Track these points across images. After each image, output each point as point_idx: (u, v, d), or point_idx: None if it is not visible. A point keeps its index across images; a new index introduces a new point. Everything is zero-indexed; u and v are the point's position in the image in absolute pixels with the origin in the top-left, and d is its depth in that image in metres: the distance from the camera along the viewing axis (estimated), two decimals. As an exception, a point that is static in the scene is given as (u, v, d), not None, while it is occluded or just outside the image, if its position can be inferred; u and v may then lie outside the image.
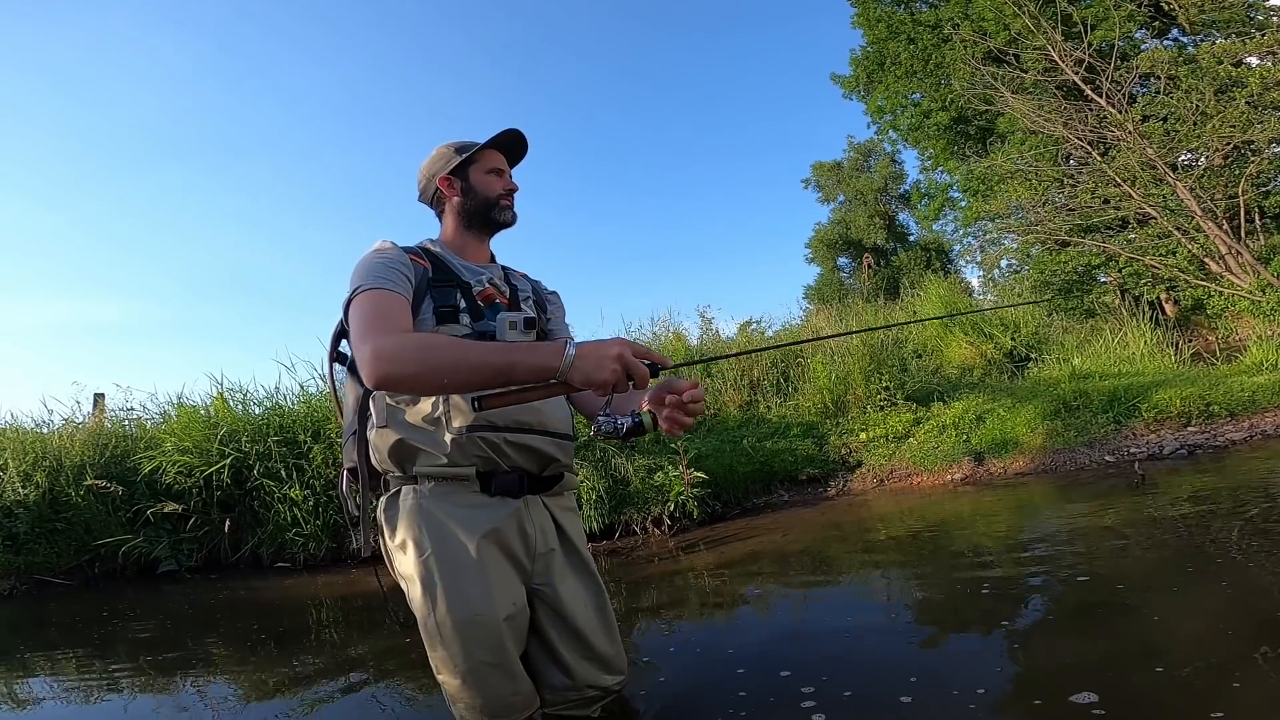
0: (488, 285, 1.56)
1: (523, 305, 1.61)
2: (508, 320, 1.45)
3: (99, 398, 7.21)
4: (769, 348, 4.48)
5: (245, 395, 6.09)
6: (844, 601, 2.81)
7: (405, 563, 1.41)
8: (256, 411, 5.91)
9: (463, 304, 1.47)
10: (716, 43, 43.67)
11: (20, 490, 5.57)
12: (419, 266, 1.47)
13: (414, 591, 1.39)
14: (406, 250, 1.51)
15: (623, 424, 1.26)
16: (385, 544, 1.49)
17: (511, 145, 1.68)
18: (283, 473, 5.17)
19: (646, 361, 1.12)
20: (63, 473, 5.66)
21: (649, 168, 45.26)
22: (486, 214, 1.62)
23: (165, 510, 5.21)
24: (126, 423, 6.54)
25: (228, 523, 5.31)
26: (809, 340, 2.30)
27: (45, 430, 6.57)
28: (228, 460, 5.23)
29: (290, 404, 5.91)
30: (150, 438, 5.86)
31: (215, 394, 6.05)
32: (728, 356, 1.79)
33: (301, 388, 6.07)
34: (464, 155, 1.61)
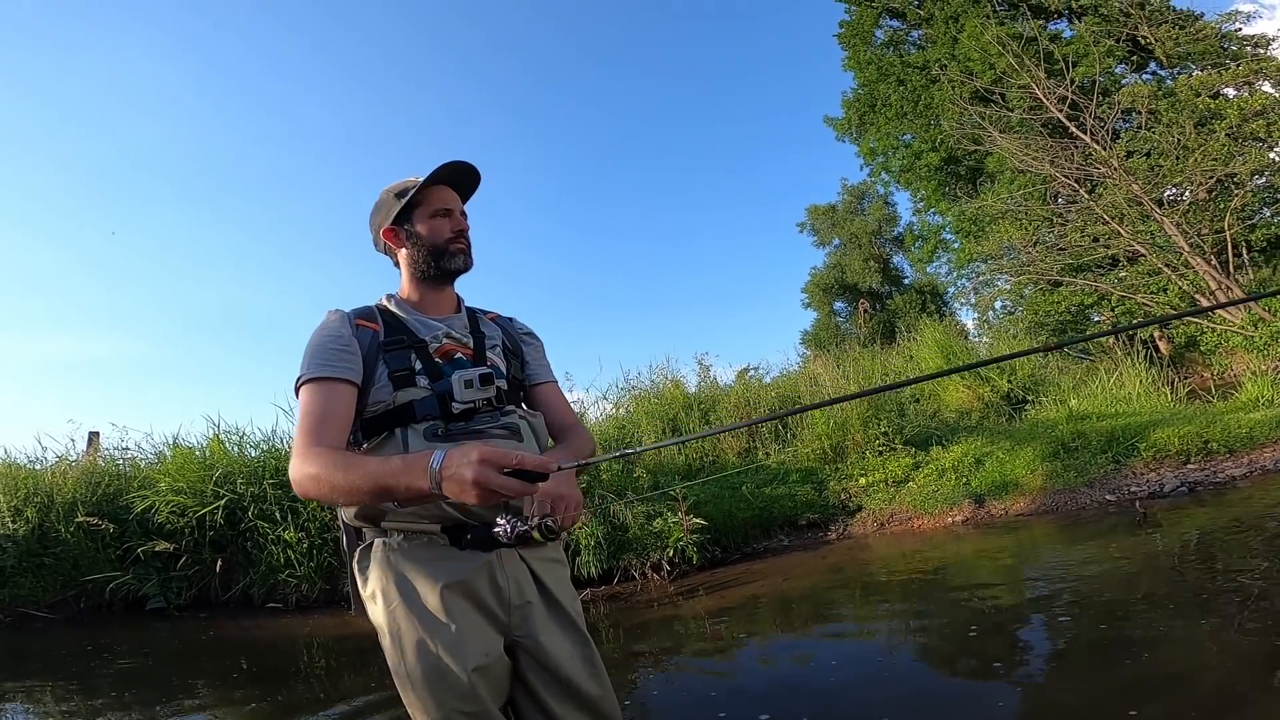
0: (444, 341, 1.49)
1: (489, 354, 1.54)
2: (463, 379, 1.40)
3: (94, 436, 7.20)
4: (725, 429, 4.51)
5: (242, 437, 6.08)
6: (840, 645, 2.79)
7: (376, 613, 1.39)
8: (252, 454, 5.89)
9: (418, 365, 1.41)
10: (711, 86, 44.72)
11: (9, 525, 5.55)
12: (367, 332, 1.42)
13: (385, 642, 1.38)
14: (357, 313, 1.46)
15: (515, 532, 1.16)
16: (360, 594, 1.47)
17: (457, 178, 1.55)
18: (277, 515, 5.13)
19: (522, 471, 1.03)
20: (54, 509, 5.63)
21: (644, 211, 45.69)
22: (436, 263, 1.50)
23: (156, 549, 5.16)
24: (121, 462, 6.50)
25: (219, 562, 5.25)
26: (805, 408, 2.32)
27: (38, 467, 6.54)
28: (222, 501, 5.20)
29: (287, 447, 5.89)
30: (144, 477, 5.83)
31: (211, 436, 6.04)
32: (645, 449, 1.59)
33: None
34: (405, 199, 1.49)
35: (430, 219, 1.50)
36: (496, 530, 1.17)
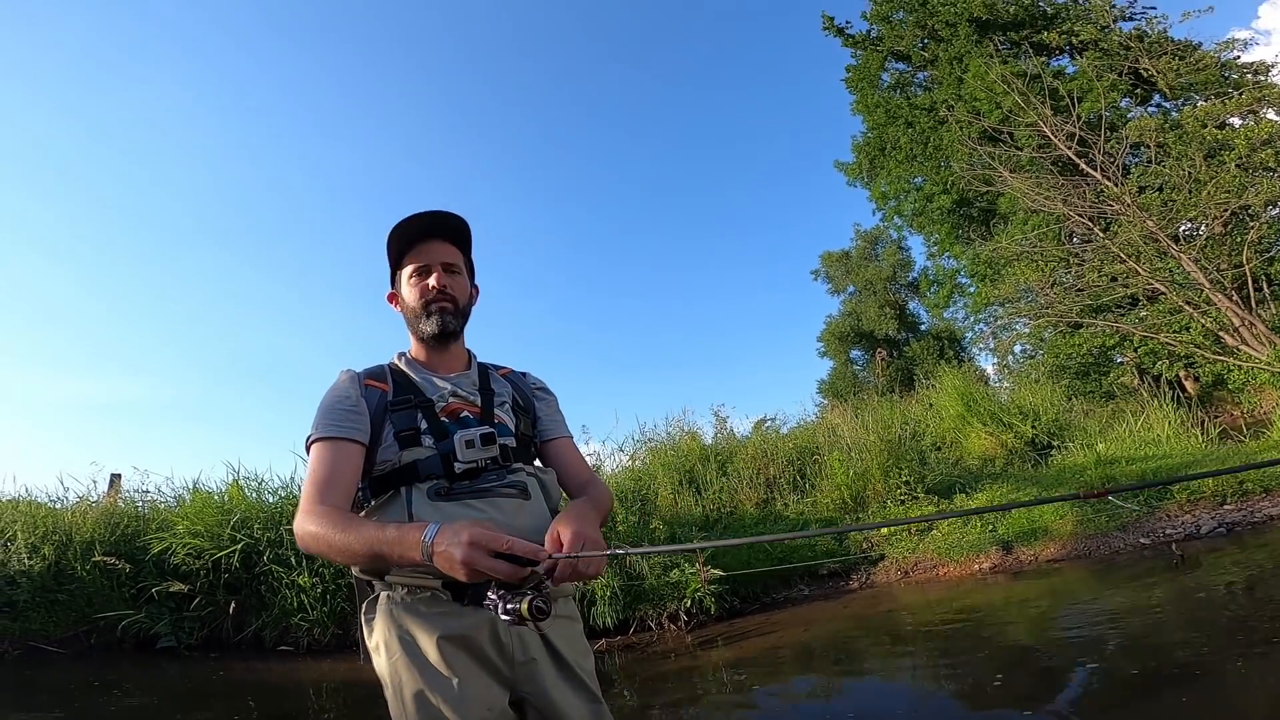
0: (450, 400, 1.47)
1: (497, 411, 1.50)
2: (464, 439, 1.39)
3: (115, 478, 7.28)
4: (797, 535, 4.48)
5: (260, 483, 6.14)
6: (864, 696, 2.70)
7: (380, 664, 1.38)
8: (270, 500, 5.93)
9: (424, 425, 1.42)
10: (719, 138, 45.31)
11: (26, 560, 5.61)
12: (375, 392, 1.44)
13: (388, 693, 1.37)
14: (368, 373, 1.49)
15: (507, 609, 1.11)
16: (366, 645, 1.46)
17: (425, 231, 1.49)
18: (293, 559, 5.14)
19: (513, 554, 1.05)
20: (71, 547, 5.69)
21: (655, 267, 45.62)
22: (419, 325, 1.48)
23: (171, 589, 5.16)
24: (140, 504, 6.58)
25: (233, 604, 5.23)
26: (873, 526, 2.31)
27: (59, 506, 6.64)
28: (238, 545, 5.22)
29: (302, 494, 5.92)
30: (163, 519, 5.88)
31: (231, 481, 6.10)
32: (655, 551, 1.46)
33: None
34: (391, 266, 1.51)
35: (409, 279, 1.50)
36: (486, 604, 1.14)
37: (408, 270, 1.50)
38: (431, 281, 1.47)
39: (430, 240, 1.50)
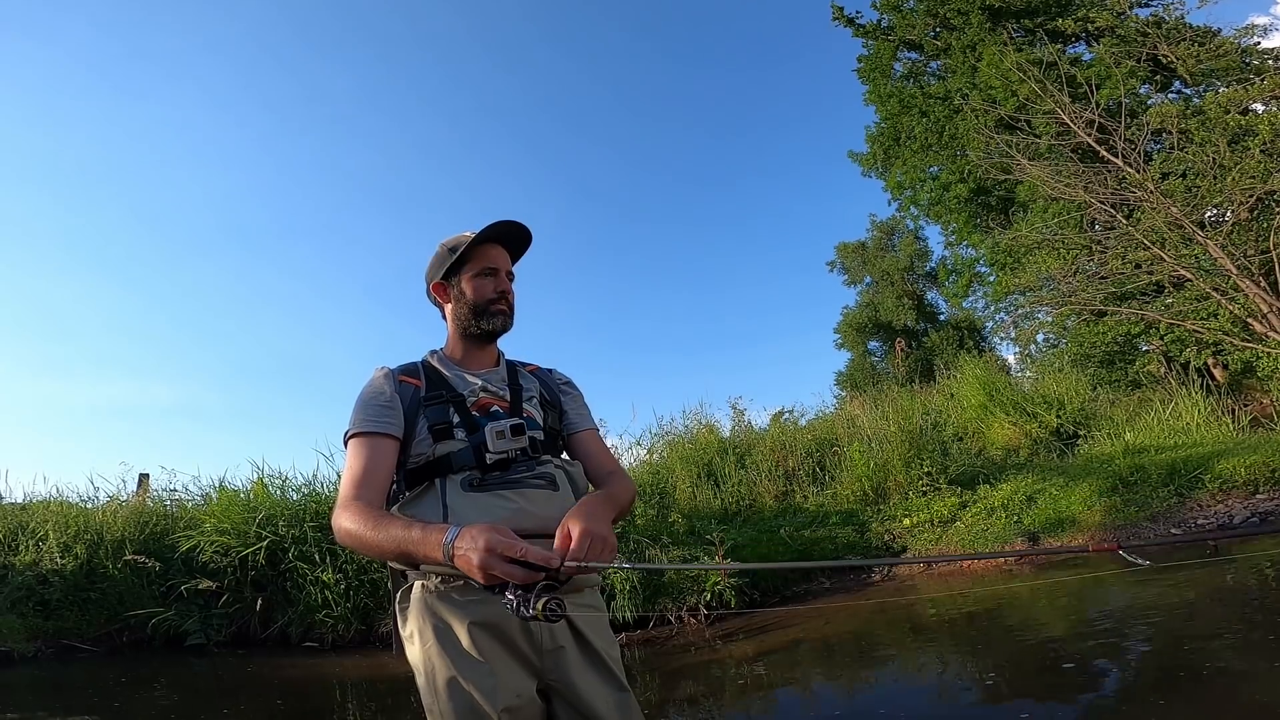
0: (481, 395, 1.53)
1: (525, 406, 1.56)
2: (495, 430, 1.44)
3: (144, 478, 7.44)
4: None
5: (284, 481, 6.24)
6: (886, 689, 2.69)
7: (412, 653, 1.43)
8: (294, 497, 6.02)
9: (456, 419, 1.47)
10: (730, 129, 44.56)
11: (58, 560, 5.74)
12: (409, 388, 1.50)
13: (420, 681, 1.41)
14: (402, 370, 1.55)
15: (519, 608, 1.12)
16: (400, 634, 1.50)
17: (508, 237, 1.60)
18: (317, 556, 5.21)
19: (527, 560, 1.08)
20: (102, 546, 5.83)
21: (673, 262, 45.23)
22: (476, 321, 1.56)
23: (199, 586, 5.27)
24: (168, 503, 6.70)
25: (259, 601, 5.32)
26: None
27: (90, 506, 6.78)
28: (264, 542, 5.30)
29: (327, 491, 6.02)
30: (190, 518, 6.01)
31: (255, 479, 6.20)
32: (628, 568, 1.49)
33: (339, 475, 6.15)
34: (455, 256, 1.57)
35: (475, 277, 1.56)
36: (504, 603, 1.16)
37: (474, 267, 1.56)
38: (505, 285, 1.57)
39: (498, 245, 1.59)
